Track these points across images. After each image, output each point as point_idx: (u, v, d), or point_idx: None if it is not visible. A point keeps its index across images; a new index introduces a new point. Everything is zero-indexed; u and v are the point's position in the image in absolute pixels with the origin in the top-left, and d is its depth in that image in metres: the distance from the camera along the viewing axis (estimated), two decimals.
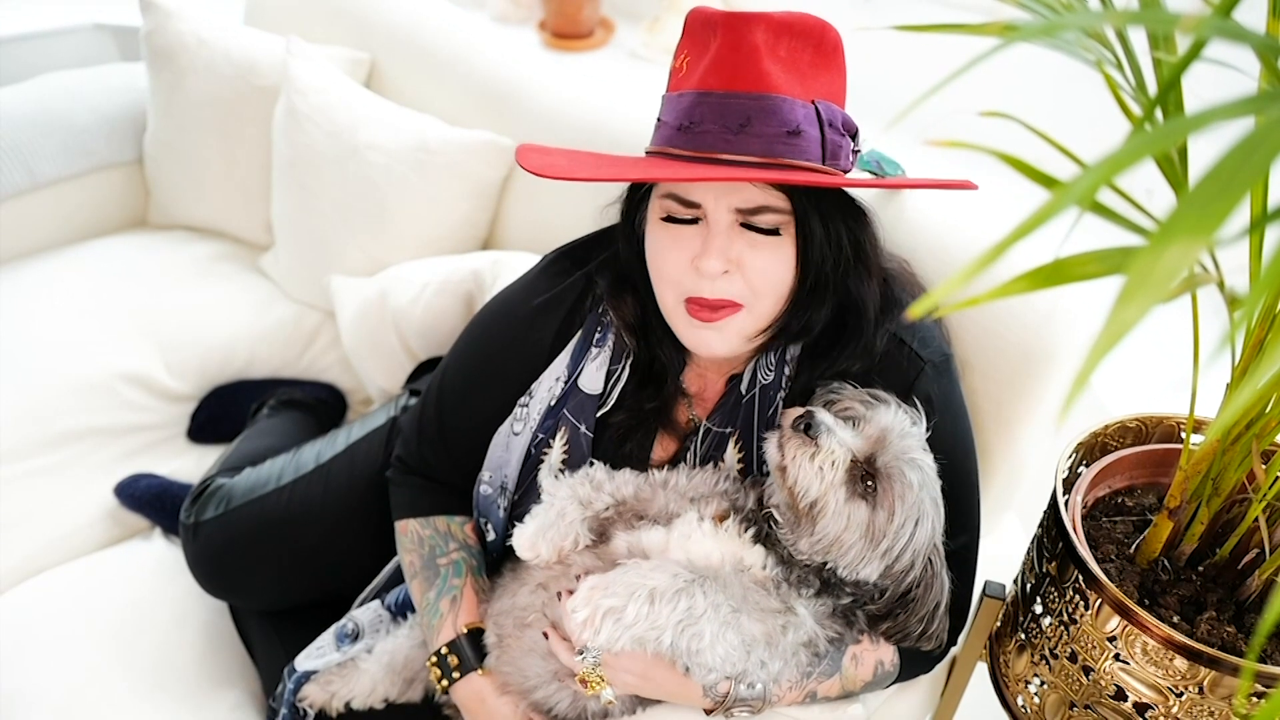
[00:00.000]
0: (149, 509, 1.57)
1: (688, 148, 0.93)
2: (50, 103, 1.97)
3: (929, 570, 0.95)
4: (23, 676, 1.32)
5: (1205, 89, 0.74)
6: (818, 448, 0.92)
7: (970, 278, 0.40)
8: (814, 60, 0.93)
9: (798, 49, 0.92)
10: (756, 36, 0.90)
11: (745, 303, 0.98)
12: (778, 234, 0.96)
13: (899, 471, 0.92)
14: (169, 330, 1.79)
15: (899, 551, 0.93)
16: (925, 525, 0.93)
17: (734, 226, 0.95)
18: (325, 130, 1.73)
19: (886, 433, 0.94)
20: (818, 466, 0.92)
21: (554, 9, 2.81)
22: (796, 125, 0.90)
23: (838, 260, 0.99)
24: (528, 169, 0.98)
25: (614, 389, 1.11)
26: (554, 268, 1.16)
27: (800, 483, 0.92)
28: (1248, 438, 0.85)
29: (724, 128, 0.90)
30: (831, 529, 0.92)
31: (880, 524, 0.92)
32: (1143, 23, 0.56)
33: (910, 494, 0.92)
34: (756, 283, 0.97)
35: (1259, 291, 0.42)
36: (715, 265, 0.94)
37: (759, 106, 0.90)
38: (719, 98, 0.91)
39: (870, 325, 1.03)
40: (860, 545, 0.93)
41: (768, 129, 0.90)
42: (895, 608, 0.96)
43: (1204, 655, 0.84)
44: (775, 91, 0.90)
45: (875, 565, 0.94)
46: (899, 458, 0.92)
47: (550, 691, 1.08)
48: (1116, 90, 0.76)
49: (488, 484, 1.18)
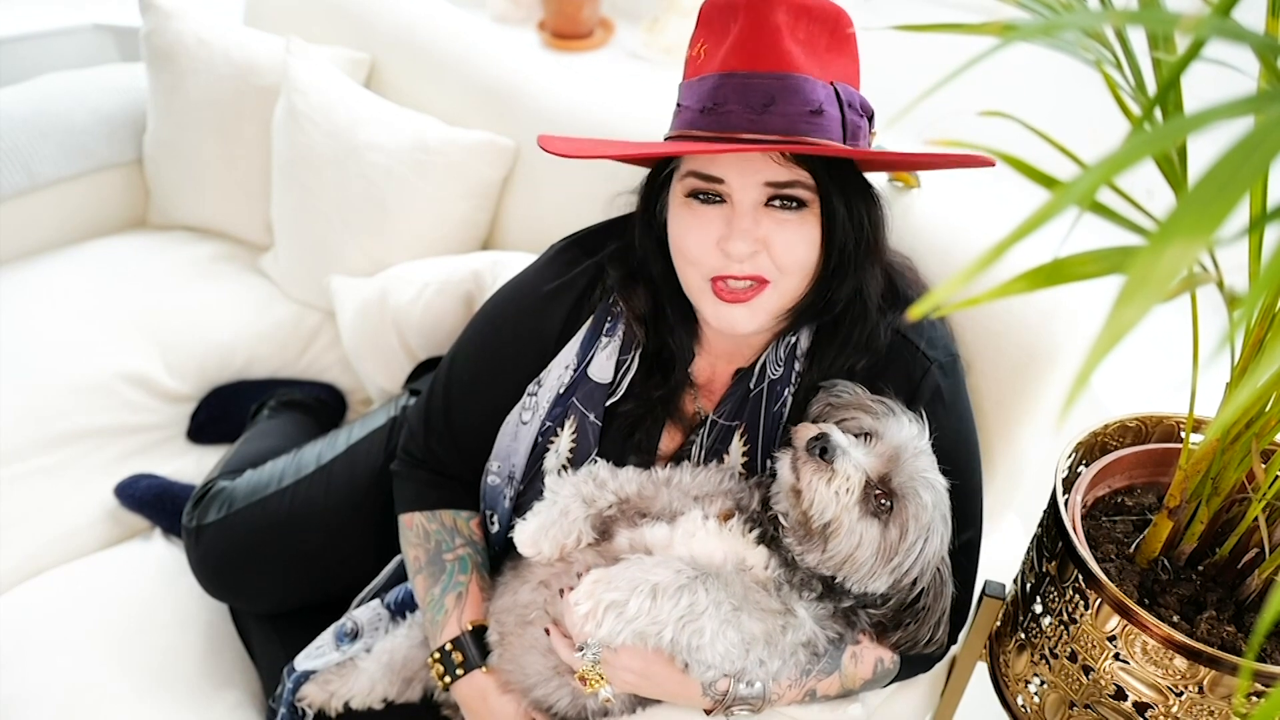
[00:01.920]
0: (149, 509, 1.57)
1: (711, 129, 0.93)
2: (50, 103, 1.97)
3: (938, 579, 0.96)
4: (23, 677, 1.32)
5: (1205, 89, 0.74)
6: (834, 472, 0.92)
7: (971, 277, 0.40)
8: (830, 44, 0.94)
9: (816, 32, 0.93)
10: (779, 17, 0.91)
11: (772, 279, 0.98)
12: (804, 207, 0.96)
13: (914, 492, 0.92)
14: (169, 330, 1.79)
15: (909, 567, 0.93)
16: (935, 540, 0.94)
17: (759, 206, 0.96)
18: (325, 130, 1.73)
19: (900, 451, 0.94)
20: (834, 491, 0.92)
21: (554, 9, 2.81)
22: (819, 104, 0.91)
23: (859, 239, 1.00)
24: (552, 151, 0.99)
25: (624, 379, 1.12)
26: (563, 256, 1.16)
27: (816, 506, 0.92)
28: (1247, 437, 0.85)
29: (748, 107, 0.91)
30: (844, 548, 0.93)
31: (893, 541, 0.92)
32: (1142, 23, 0.56)
33: (924, 514, 0.92)
34: (783, 260, 0.97)
35: (1258, 291, 0.42)
36: (743, 247, 0.95)
37: (782, 86, 0.90)
38: (742, 78, 0.91)
39: (873, 312, 1.04)
40: (871, 562, 0.93)
41: (791, 108, 0.90)
42: (906, 618, 0.97)
43: (1204, 655, 0.84)
44: (797, 71, 0.91)
45: (884, 579, 0.94)
46: (914, 478, 0.93)
47: (550, 689, 1.08)
48: (1116, 90, 0.76)
49: (495, 474, 1.18)
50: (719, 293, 0.99)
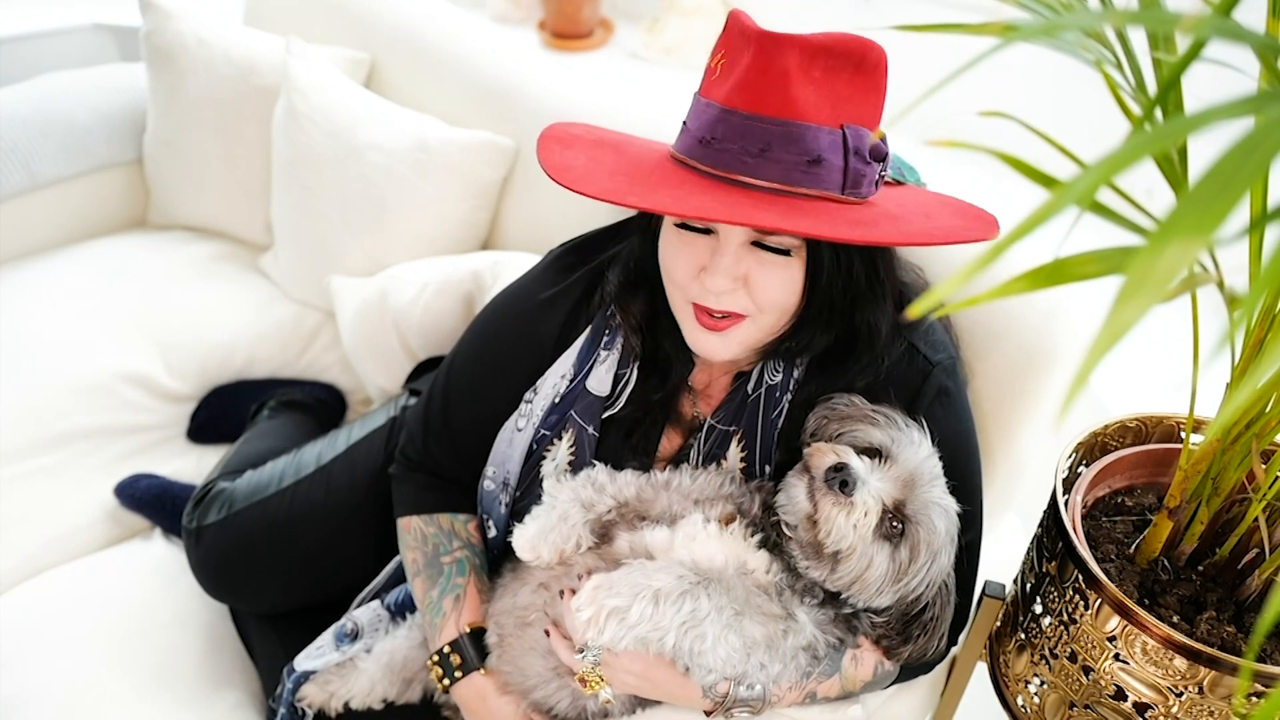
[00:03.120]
0: (149, 509, 1.57)
1: (707, 162, 0.92)
2: (50, 103, 1.97)
3: (943, 592, 0.97)
4: (23, 677, 1.32)
5: (1205, 89, 0.74)
6: (852, 506, 0.91)
7: (970, 277, 0.40)
8: (852, 80, 0.90)
9: (836, 68, 0.89)
10: (789, 60, 0.87)
11: (749, 314, 0.98)
12: (789, 254, 0.96)
13: (928, 520, 0.93)
14: (169, 330, 1.79)
15: (915, 585, 0.94)
16: (942, 558, 0.94)
17: (744, 245, 0.95)
18: (325, 130, 1.73)
19: (916, 477, 0.94)
20: (852, 524, 0.91)
21: (554, 9, 2.81)
22: (818, 154, 0.89)
23: (846, 287, 0.99)
24: (547, 170, 0.96)
25: (622, 392, 1.12)
26: (560, 262, 1.16)
27: (833, 536, 0.92)
28: (1247, 437, 0.85)
29: (744, 150, 0.89)
30: (854, 570, 0.93)
31: (902, 563, 0.93)
32: (1143, 23, 0.56)
33: (936, 540, 0.93)
34: (761, 299, 0.97)
35: (1258, 291, 0.42)
36: (720, 283, 0.95)
37: (782, 133, 0.88)
38: (742, 118, 0.89)
39: (881, 346, 1.03)
40: (880, 583, 0.94)
41: (787, 156, 0.88)
42: (914, 631, 0.97)
43: (1204, 655, 0.84)
44: (801, 119, 0.88)
45: (890, 597, 0.95)
46: (928, 505, 0.93)
47: (550, 691, 1.08)
48: (1116, 90, 0.76)
49: (491, 480, 1.18)
50: (698, 317, 0.99)
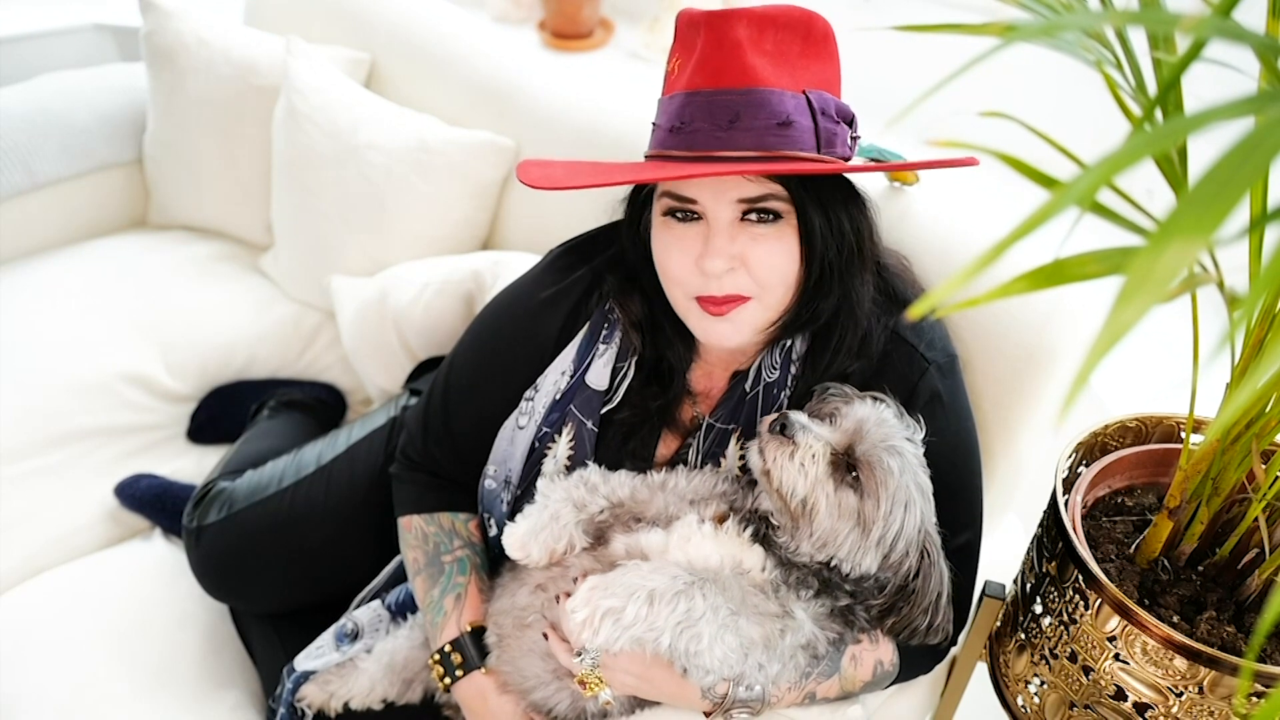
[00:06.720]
0: (149, 509, 1.57)
1: (681, 148, 0.93)
2: (50, 103, 1.97)
3: (925, 559, 0.96)
4: (23, 677, 1.32)
5: (1205, 89, 0.74)
6: (795, 445, 0.94)
7: (970, 278, 0.40)
8: (804, 50, 0.93)
9: (785, 40, 0.92)
10: (739, 32, 0.90)
11: (753, 295, 0.98)
12: (779, 219, 0.96)
13: (878, 459, 0.93)
14: (169, 330, 1.79)
15: (892, 539, 0.94)
16: (914, 511, 0.94)
17: (735, 223, 0.96)
18: (325, 130, 1.73)
19: (863, 423, 0.95)
20: (799, 464, 0.93)
21: (554, 9, 2.81)
22: (787, 116, 0.90)
23: (841, 248, 0.99)
24: (528, 183, 0.99)
25: (620, 386, 1.12)
26: (560, 262, 1.17)
27: (785, 483, 0.94)
28: (1247, 437, 0.85)
29: (714, 125, 0.91)
30: (825, 523, 0.93)
31: (869, 512, 0.93)
32: (1143, 23, 0.56)
33: (892, 480, 0.93)
34: (762, 275, 0.97)
35: (1258, 291, 0.42)
36: (718, 264, 0.95)
37: (746, 101, 0.90)
38: (706, 95, 0.91)
39: (863, 318, 1.03)
40: (855, 535, 0.94)
41: (757, 122, 0.90)
42: (897, 600, 0.97)
43: (1204, 655, 0.84)
44: (762, 85, 0.90)
45: (872, 555, 0.94)
46: (877, 445, 0.94)
47: (549, 692, 1.08)
48: (1116, 90, 0.76)
49: (492, 478, 1.18)
50: (704, 307, 0.99)
